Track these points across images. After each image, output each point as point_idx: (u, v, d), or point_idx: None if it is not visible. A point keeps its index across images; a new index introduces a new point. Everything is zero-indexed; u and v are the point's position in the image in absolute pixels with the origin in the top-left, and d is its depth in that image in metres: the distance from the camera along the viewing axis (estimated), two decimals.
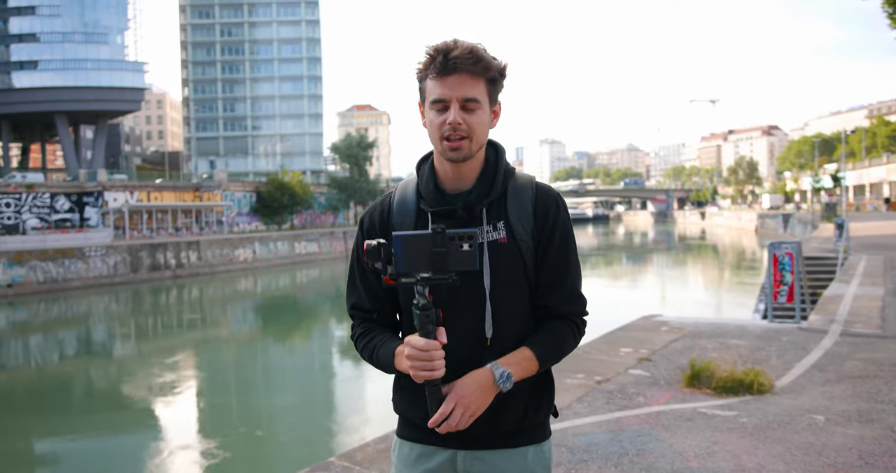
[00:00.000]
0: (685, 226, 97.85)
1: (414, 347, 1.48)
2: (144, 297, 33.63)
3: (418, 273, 1.48)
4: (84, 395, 16.58)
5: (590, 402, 5.24)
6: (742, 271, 36.45)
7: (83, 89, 62.70)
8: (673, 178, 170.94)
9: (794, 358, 6.93)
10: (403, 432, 1.75)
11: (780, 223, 57.64)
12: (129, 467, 10.76)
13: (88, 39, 64.39)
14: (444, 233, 1.46)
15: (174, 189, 50.16)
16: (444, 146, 1.59)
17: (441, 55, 1.55)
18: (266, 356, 20.37)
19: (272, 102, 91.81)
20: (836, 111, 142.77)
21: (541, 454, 1.70)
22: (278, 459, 10.58)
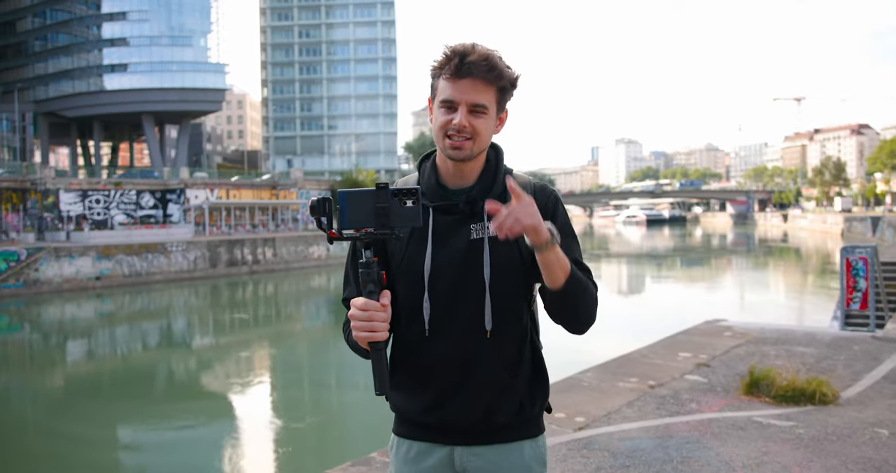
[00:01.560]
0: (766, 229, 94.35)
1: (355, 306, 1.48)
2: (222, 292, 34.82)
3: (362, 228, 1.48)
4: (164, 385, 17.32)
5: (640, 407, 5.17)
6: (825, 276, 34.91)
7: (168, 90, 65.29)
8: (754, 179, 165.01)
9: (863, 369, 6.64)
10: (400, 429, 1.76)
11: (868, 226, 54.87)
12: (202, 454, 11.21)
13: (174, 42, 66.98)
14: (388, 189, 1.46)
15: (252, 187, 51.69)
16: (446, 144, 1.62)
17: (457, 57, 1.58)
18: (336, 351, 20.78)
19: (348, 102, 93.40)
20: None
21: (536, 448, 1.71)
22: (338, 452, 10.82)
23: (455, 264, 1.64)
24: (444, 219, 1.67)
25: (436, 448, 1.70)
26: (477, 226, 1.66)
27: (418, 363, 1.69)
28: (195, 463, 10.82)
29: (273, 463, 10.76)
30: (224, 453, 11.26)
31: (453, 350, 1.64)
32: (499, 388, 1.65)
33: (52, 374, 18.55)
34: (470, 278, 1.63)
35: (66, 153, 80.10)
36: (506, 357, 1.67)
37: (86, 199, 43.25)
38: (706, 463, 4.03)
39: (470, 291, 1.64)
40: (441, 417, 1.68)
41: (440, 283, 1.64)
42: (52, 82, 66.45)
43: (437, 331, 1.65)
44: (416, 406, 1.69)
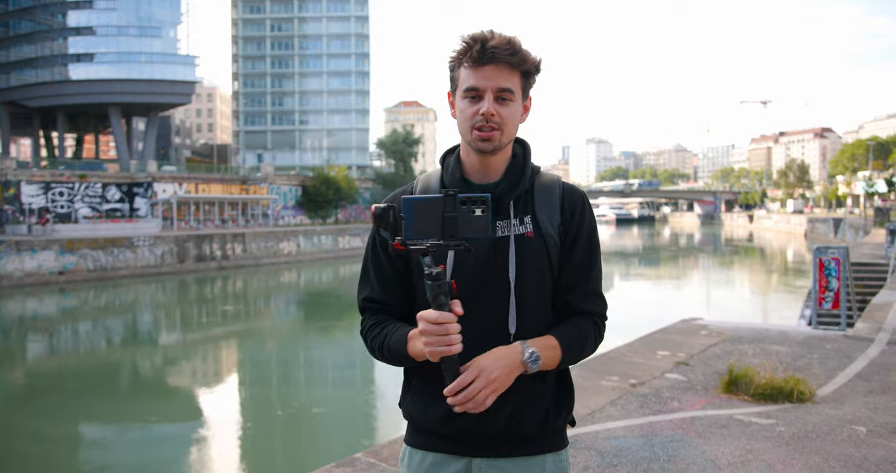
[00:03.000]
0: (732, 229, 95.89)
1: (427, 321, 1.40)
2: (190, 287, 34.34)
3: (429, 239, 1.41)
4: (129, 382, 17.00)
5: (623, 405, 5.18)
6: (789, 276, 35.58)
7: (136, 82, 64.08)
8: (721, 180, 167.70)
9: (837, 367, 6.74)
10: (414, 439, 1.66)
11: (830, 227, 56.06)
12: (169, 453, 11.02)
13: (142, 33, 65.76)
14: (456, 196, 1.39)
15: (221, 181, 51.08)
16: (474, 136, 1.55)
17: (478, 44, 1.52)
18: (306, 349, 20.61)
19: (320, 97, 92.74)
20: (893, 113, 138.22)
21: (558, 463, 1.63)
22: (311, 451, 10.71)
23: (479, 262, 1.56)
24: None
25: (452, 460, 1.61)
26: (502, 223, 1.58)
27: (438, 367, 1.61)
28: (162, 463, 10.64)
29: (242, 462, 10.61)
30: (192, 452, 11.09)
31: (475, 352, 1.54)
32: (523, 395, 1.57)
33: (12, 371, 18.10)
34: (494, 278, 1.56)
35: (29, 144, 78.29)
36: None
37: (49, 192, 42.32)
38: (692, 462, 4.04)
39: (494, 292, 1.56)
40: (461, 426, 1.57)
41: (463, 282, 1.55)
42: (14, 71, 64.70)
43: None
44: (434, 415, 1.59)
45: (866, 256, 19.09)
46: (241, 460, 10.69)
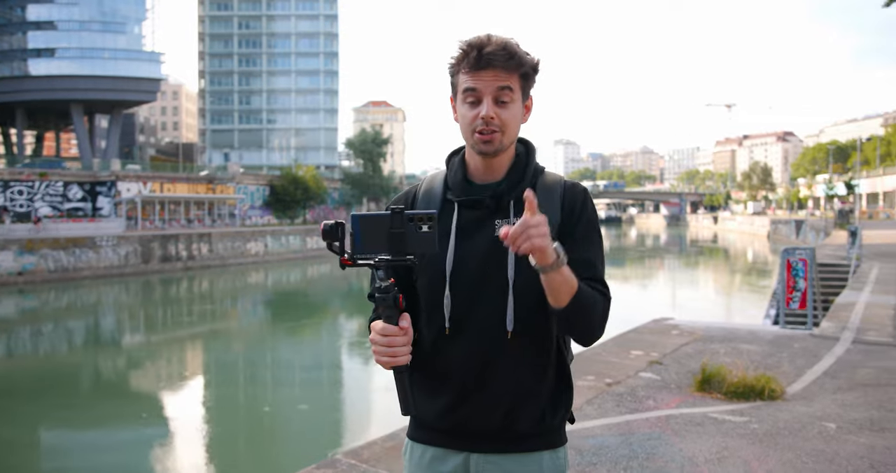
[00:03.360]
0: (697, 230, 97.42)
1: (375, 331, 1.44)
2: (155, 288, 33.80)
3: (377, 254, 1.44)
4: (91, 385, 16.64)
5: (599, 404, 5.21)
6: (753, 276, 36.24)
7: (99, 78, 62.92)
8: (687, 182, 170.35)
9: (805, 365, 6.87)
10: (415, 433, 1.70)
11: (792, 229, 57.22)
12: (134, 458, 10.79)
13: (106, 28, 64.64)
14: (403, 213, 1.41)
15: (187, 180, 50.40)
16: (475, 139, 1.57)
17: (475, 50, 1.53)
18: (275, 350, 20.41)
19: (288, 96, 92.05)
20: (851, 118, 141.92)
21: (556, 460, 1.64)
22: (283, 455, 10.60)
23: (478, 260, 1.58)
24: (469, 214, 1.61)
25: (451, 455, 1.63)
26: (502, 222, 1.59)
27: (437, 363, 1.62)
28: (126, 468, 10.42)
29: (210, 466, 10.45)
30: (158, 457, 10.87)
31: (473, 350, 1.58)
32: (520, 393, 1.59)
33: None
34: (493, 275, 1.57)
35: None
36: (528, 360, 1.60)
37: (7, 190, 41.36)
38: (670, 459, 4.08)
39: (493, 289, 1.57)
40: (458, 421, 1.61)
41: (462, 280, 1.58)
42: None
43: (457, 330, 1.59)
44: (433, 410, 1.62)
45: (828, 257, 19.50)
46: (209, 464, 10.53)
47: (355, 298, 33.23)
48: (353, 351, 19.59)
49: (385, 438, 4.35)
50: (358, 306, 30.18)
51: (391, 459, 3.95)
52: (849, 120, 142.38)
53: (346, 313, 28.47)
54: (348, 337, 22.21)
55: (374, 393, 14.54)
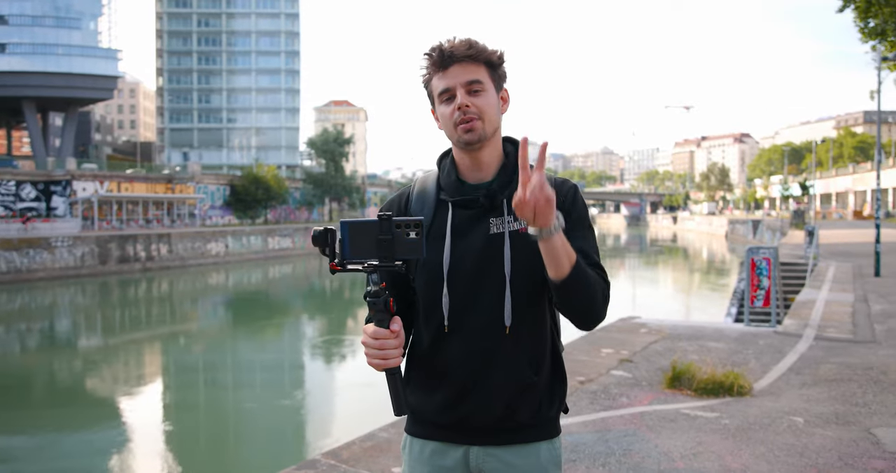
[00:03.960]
0: (657, 230, 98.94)
1: (366, 334, 1.48)
2: (112, 290, 33.07)
3: (366, 260, 1.47)
4: (46, 389, 16.18)
5: (574, 402, 5.25)
6: (712, 275, 36.93)
7: (53, 75, 61.36)
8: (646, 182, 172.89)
9: (771, 361, 7.02)
10: (414, 429, 1.73)
11: (749, 229, 58.46)
12: (92, 465, 10.52)
13: (60, 24, 63.06)
14: (391, 220, 1.44)
15: (146, 180, 49.44)
16: (458, 131, 1.60)
17: (437, 51, 1.61)
18: (237, 352, 20.12)
19: (249, 95, 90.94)
20: (805, 121, 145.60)
21: (553, 451, 1.69)
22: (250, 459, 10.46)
23: (474, 258, 1.62)
24: (463, 213, 1.64)
25: (451, 448, 1.67)
26: (496, 220, 1.63)
27: (436, 360, 1.65)
28: None
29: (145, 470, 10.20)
30: (112, 464, 10.61)
31: (472, 346, 1.61)
32: (519, 386, 1.62)
33: None
34: (490, 272, 1.61)
35: None
36: (526, 354, 1.63)
37: None
38: (647, 455, 4.13)
39: (490, 286, 1.61)
40: (459, 416, 1.64)
41: (459, 278, 1.61)
42: None
43: (455, 327, 1.62)
44: (434, 405, 1.66)
45: (786, 256, 19.95)
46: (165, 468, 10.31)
47: (317, 298, 32.99)
48: (318, 351, 19.43)
49: (363, 438, 4.33)
50: (320, 306, 29.97)
51: (370, 459, 3.92)
52: (802, 122, 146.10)
53: (308, 314, 28.23)
54: (312, 338, 22.03)
55: (343, 394, 14.44)
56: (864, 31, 22.27)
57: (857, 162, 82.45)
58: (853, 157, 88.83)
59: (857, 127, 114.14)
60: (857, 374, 6.47)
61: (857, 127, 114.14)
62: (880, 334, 8.53)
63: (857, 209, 67.38)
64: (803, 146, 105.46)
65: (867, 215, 58.64)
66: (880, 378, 6.31)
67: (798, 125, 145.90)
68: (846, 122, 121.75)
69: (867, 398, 5.64)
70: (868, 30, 22.04)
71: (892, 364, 6.87)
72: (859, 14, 22.00)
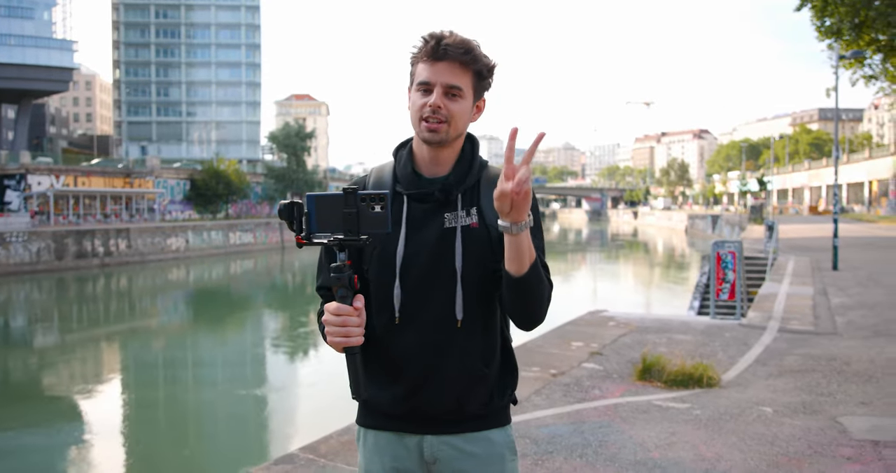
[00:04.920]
0: (618, 225, 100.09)
1: (328, 312, 1.47)
2: (69, 286, 32.32)
3: (331, 234, 1.47)
4: (0, 388, 15.74)
5: (548, 394, 5.28)
6: (673, 269, 37.51)
7: (4, 66, 59.56)
8: (607, 178, 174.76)
9: (737, 353, 7.15)
10: (367, 420, 1.73)
11: (708, 224, 59.53)
12: (51, 464, 10.25)
13: (11, 13, 61.24)
14: (356, 193, 1.45)
15: (103, 174, 48.32)
16: (422, 127, 1.61)
17: (434, 40, 1.60)
18: (199, 349, 19.81)
19: (208, 88, 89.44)
20: (762, 118, 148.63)
21: (506, 436, 1.71)
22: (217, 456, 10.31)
23: (427, 252, 1.63)
24: (419, 206, 1.65)
25: (405, 437, 1.68)
26: (450, 214, 1.65)
27: (388, 353, 1.65)
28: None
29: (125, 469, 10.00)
30: (72, 461, 10.36)
31: (424, 339, 1.62)
32: (471, 378, 1.64)
33: None
34: (441, 266, 1.62)
35: None
36: (477, 347, 1.65)
37: None
38: (623, 446, 4.16)
39: (441, 280, 1.62)
40: (412, 407, 1.65)
41: (412, 271, 1.62)
42: None
43: (407, 320, 1.63)
44: (387, 397, 1.66)
45: (747, 250, 20.33)
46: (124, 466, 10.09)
47: (280, 293, 32.67)
48: (284, 346, 19.25)
49: (340, 432, 4.30)
50: (283, 301, 29.68)
51: (348, 453, 3.89)
52: (760, 119, 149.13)
53: (271, 309, 27.95)
54: (276, 333, 21.82)
55: (313, 388, 14.31)
56: (820, 30, 22.80)
57: (813, 158, 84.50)
58: (808, 154, 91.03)
59: (812, 124, 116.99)
60: (821, 365, 6.62)
61: (812, 124, 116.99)
62: (841, 326, 8.75)
63: (813, 204, 69.08)
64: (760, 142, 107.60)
65: (822, 210, 60.15)
66: (843, 368, 6.47)
67: (755, 122, 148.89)
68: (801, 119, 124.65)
69: (832, 388, 5.77)
70: (825, 28, 22.57)
71: (854, 354, 7.05)
72: (816, 13, 22.52)
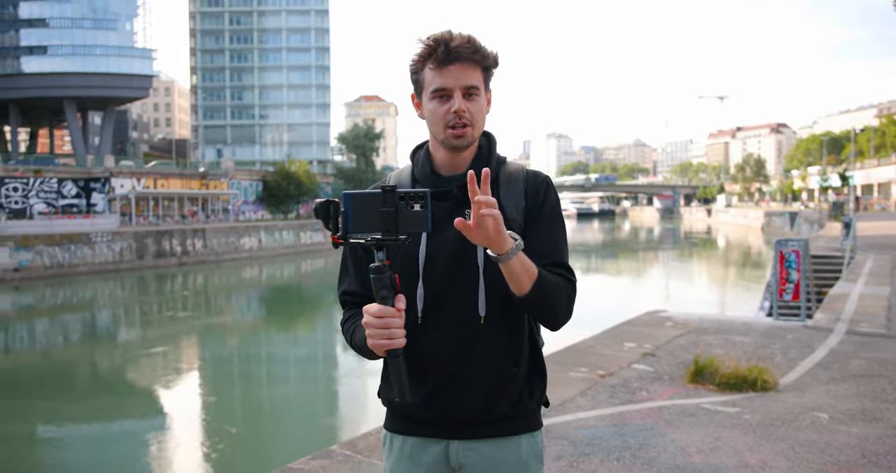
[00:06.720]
0: (691, 223, 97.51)
1: (369, 314, 1.42)
2: (149, 284, 33.74)
3: (369, 234, 1.41)
4: (87, 381, 16.64)
5: (593, 396, 5.24)
6: (747, 268, 36.34)
7: (92, 75, 62.60)
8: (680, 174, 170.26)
9: (798, 356, 6.91)
10: (394, 425, 1.72)
11: (786, 221, 57.35)
12: (130, 453, 10.80)
13: (98, 25, 64.27)
14: (395, 191, 1.39)
15: (181, 176, 50.24)
16: (447, 134, 1.61)
17: (441, 45, 1.58)
18: (269, 345, 20.42)
19: (280, 91, 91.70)
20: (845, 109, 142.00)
21: (534, 444, 1.69)
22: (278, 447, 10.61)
23: (449, 250, 1.62)
24: (439, 205, 1.64)
25: (431, 444, 1.66)
26: (471, 211, 1.61)
27: (412, 353, 1.61)
28: (124, 463, 10.43)
29: (203, 461, 10.44)
30: (153, 451, 10.88)
31: (448, 337, 1.61)
32: (497, 377, 1.62)
33: None
34: (464, 263, 1.62)
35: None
36: (503, 345, 1.64)
37: (2, 187, 41.17)
38: (663, 450, 4.11)
39: (464, 276, 1.62)
40: (438, 409, 1.64)
41: (434, 270, 1.62)
42: None
43: (430, 319, 1.62)
44: (414, 399, 1.62)
45: (822, 249, 19.57)
46: (205, 456, 10.54)
47: None
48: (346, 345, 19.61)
49: (379, 429, 4.36)
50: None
51: None
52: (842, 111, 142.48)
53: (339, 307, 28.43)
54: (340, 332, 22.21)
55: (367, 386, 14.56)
56: None
57: None
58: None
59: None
60: (889, 370, 6.34)
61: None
62: None
63: None
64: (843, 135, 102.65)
65: None
66: None
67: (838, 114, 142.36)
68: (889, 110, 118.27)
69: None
70: None
71: None
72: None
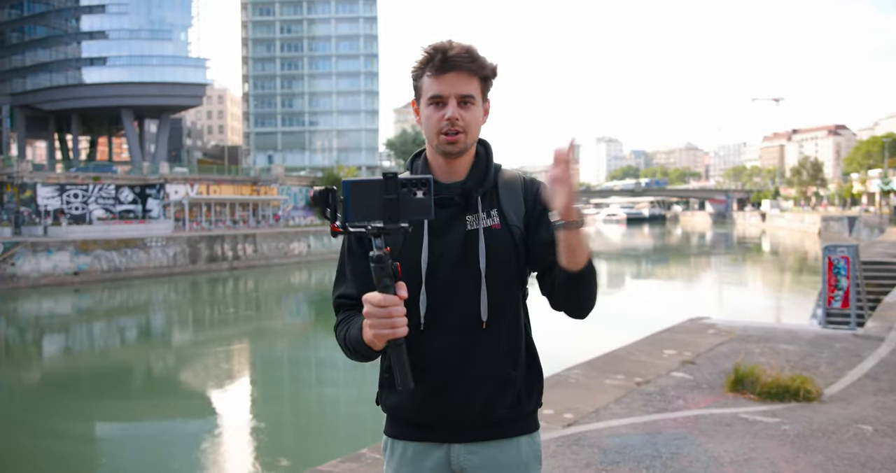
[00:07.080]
0: (744, 228, 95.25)
1: (371, 303, 1.39)
2: (202, 288, 34.55)
3: (370, 222, 1.38)
4: (142, 381, 17.15)
5: (627, 403, 5.19)
6: (801, 275, 35.33)
7: (148, 85, 64.55)
8: (733, 178, 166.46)
9: (846, 366, 6.72)
10: (395, 431, 1.74)
11: (845, 226, 55.59)
12: (182, 451, 11.10)
13: (154, 36, 66.25)
14: (397, 178, 1.36)
15: (232, 182, 51.33)
16: (440, 140, 1.64)
17: (439, 53, 1.61)
18: (317, 348, 20.70)
19: (329, 98, 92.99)
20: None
21: (533, 445, 1.72)
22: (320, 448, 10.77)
23: (451, 256, 1.65)
24: (440, 212, 1.65)
25: (432, 448, 1.69)
26: (472, 217, 1.67)
27: (414, 358, 1.57)
28: (176, 461, 10.72)
29: (254, 460, 10.68)
30: (205, 450, 11.17)
31: (449, 342, 1.64)
32: (497, 381, 1.65)
33: (29, 370, 18.30)
34: (466, 269, 1.64)
35: (44, 147, 78.92)
36: (503, 349, 1.67)
37: (63, 194, 42.72)
38: (695, 459, 4.05)
39: (466, 282, 1.64)
40: (438, 414, 1.66)
41: (436, 277, 1.64)
42: (30, 75, 65.43)
43: (432, 324, 1.64)
44: (413, 404, 1.67)
45: (879, 255, 18.93)
46: (252, 456, 10.77)
47: None
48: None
49: None
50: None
51: None
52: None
53: None
54: None
55: None
56: None
57: None
58: None
59: None
60: None
61: None
62: None
63: None
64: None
65: None
66: None
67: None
68: None
69: None
70: None
71: None
72: None
